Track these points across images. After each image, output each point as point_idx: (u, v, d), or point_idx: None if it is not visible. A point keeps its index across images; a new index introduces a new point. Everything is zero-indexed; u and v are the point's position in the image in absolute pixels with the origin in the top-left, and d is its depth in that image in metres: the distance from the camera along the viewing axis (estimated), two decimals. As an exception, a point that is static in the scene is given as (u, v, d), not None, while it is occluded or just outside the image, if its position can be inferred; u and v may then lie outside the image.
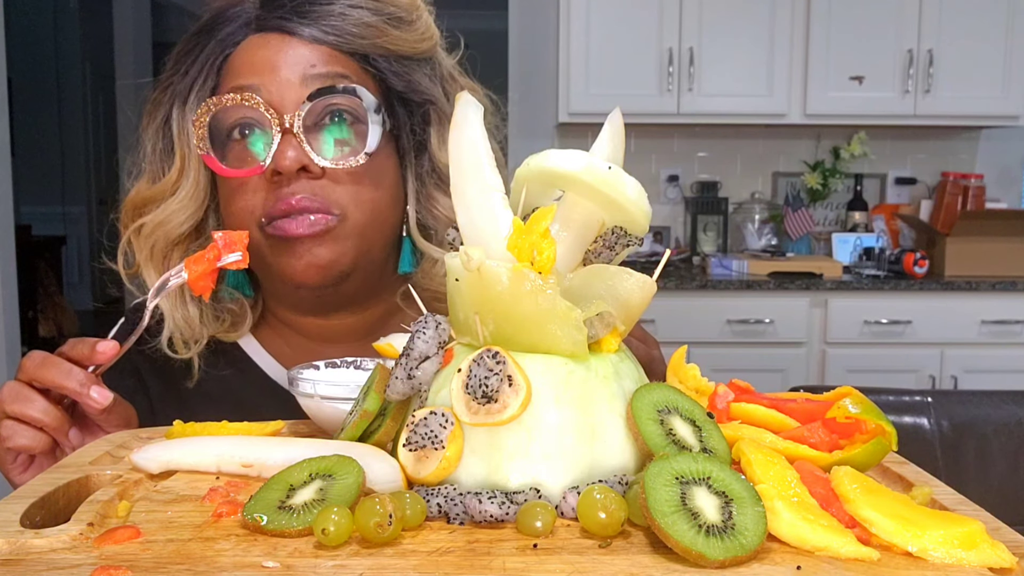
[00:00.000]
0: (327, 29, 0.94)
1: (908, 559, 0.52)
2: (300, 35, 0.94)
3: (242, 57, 0.96)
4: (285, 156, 0.91)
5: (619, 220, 0.64)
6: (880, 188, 4.30)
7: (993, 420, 1.67)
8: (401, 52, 0.98)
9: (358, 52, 0.96)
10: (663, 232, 4.26)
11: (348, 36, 0.95)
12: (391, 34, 0.96)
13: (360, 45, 0.96)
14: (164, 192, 0.99)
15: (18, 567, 0.51)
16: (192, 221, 1.00)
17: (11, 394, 0.83)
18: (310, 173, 0.93)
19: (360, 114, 0.95)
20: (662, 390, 0.63)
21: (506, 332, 0.61)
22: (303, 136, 0.92)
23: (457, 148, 0.65)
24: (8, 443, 0.83)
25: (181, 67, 0.99)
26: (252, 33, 0.96)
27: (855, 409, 0.63)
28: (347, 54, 0.96)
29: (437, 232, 1.04)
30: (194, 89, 0.98)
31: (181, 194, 0.99)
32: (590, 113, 3.76)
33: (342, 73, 0.95)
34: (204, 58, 0.97)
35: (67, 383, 0.82)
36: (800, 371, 3.64)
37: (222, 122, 0.95)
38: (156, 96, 1.00)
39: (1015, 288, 3.59)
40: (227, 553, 0.53)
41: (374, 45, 0.96)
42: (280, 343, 1.08)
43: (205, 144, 0.95)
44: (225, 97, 0.93)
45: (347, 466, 0.59)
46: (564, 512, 0.58)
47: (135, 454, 0.68)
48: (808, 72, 3.81)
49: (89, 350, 0.85)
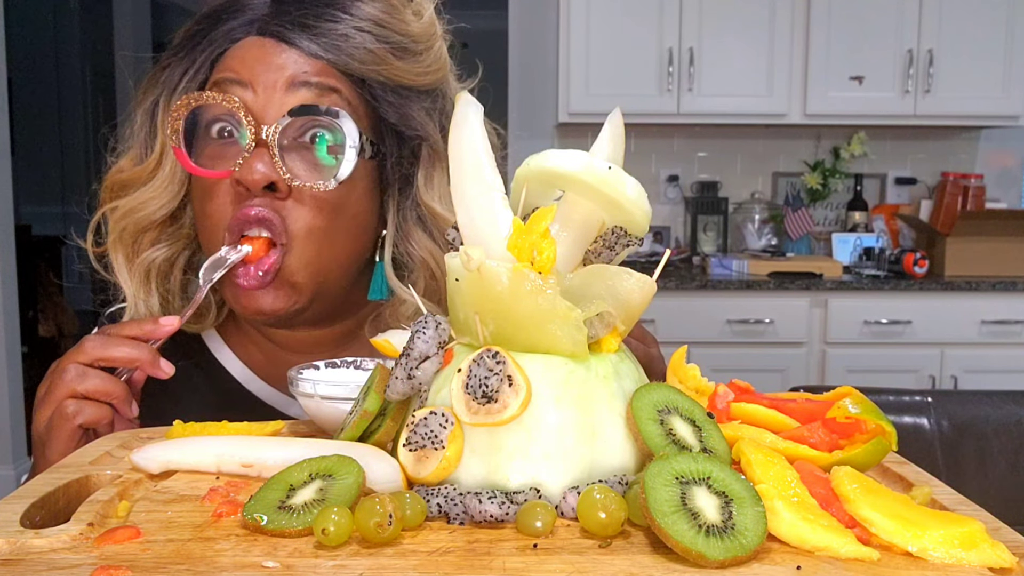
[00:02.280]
0: (327, 47, 0.92)
1: (908, 559, 0.52)
2: (298, 47, 0.92)
3: (237, 55, 0.94)
4: (254, 170, 0.90)
5: (619, 220, 0.64)
6: (880, 188, 4.30)
7: (993, 420, 1.67)
8: (401, 83, 0.96)
9: (355, 75, 0.94)
10: (663, 232, 4.26)
11: (346, 58, 0.93)
12: (393, 64, 0.94)
13: (357, 69, 0.93)
14: (142, 177, 0.99)
15: (18, 567, 0.51)
16: (165, 211, 0.99)
17: (78, 374, 0.87)
18: (276, 191, 0.92)
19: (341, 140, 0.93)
20: (662, 390, 0.63)
21: (506, 332, 0.61)
22: (277, 151, 0.90)
23: (457, 148, 0.65)
24: (77, 419, 0.87)
25: (179, 52, 0.98)
26: (253, 34, 0.94)
27: (855, 409, 0.63)
28: (344, 73, 0.94)
29: (410, 274, 1.02)
30: (184, 79, 0.96)
31: (156, 182, 0.98)
32: (590, 113, 3.76)
33: (333, 87, 0.93)
34: (201, 49, 0.96)
35: (141, 356, 0.88)
36: (800, 371, 3.64)
37: (202, 117, 0.95)
38: (153, 75, 0.99)
39: (1015, 288, 3.59)
40: (227, 553, 0.53)
41: (373, 71, 0.94)
42: (247, 344, 1.08)
43: (178, 137, 0.93)
44: (206, 95, 0.92)
45: (347, 466, 0.59)
46: (564, 512, 0.58)
47: (135, 454, 0.68)
48: (808, 72, 3.81)
49: (153, 325, 0.91)
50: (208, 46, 0.96)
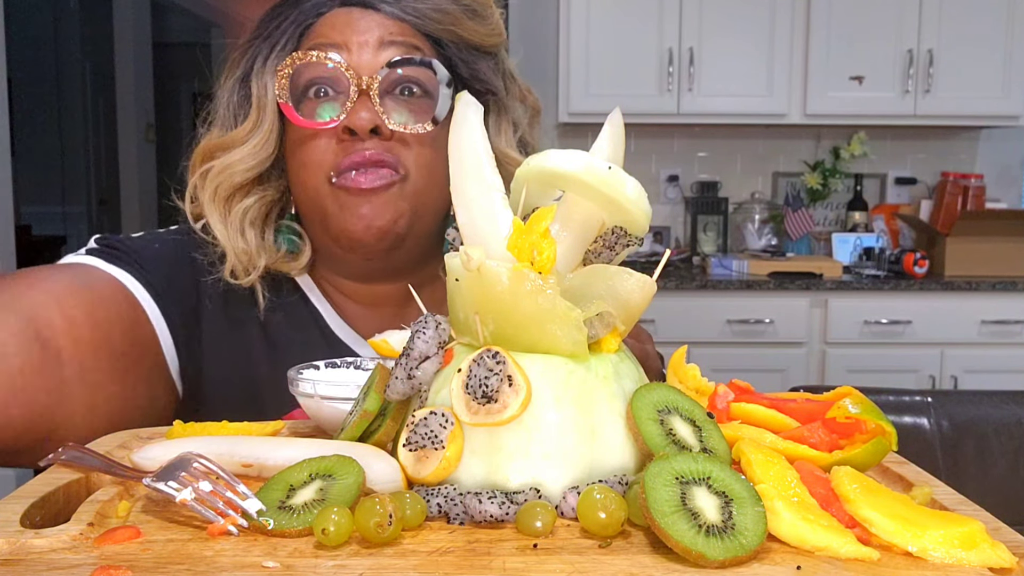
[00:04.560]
0: (408, 9, 1.02)
1: (908, 559, 0.52)
2: (382, 10, 1.02)
3: (326, 24, 1.03)
4: (359, 116, 0.98)
5: (619, 220, 0.64)
6: (880, 188, 4.30)
7: (993, 420, 1.67)
8: (471, 42, 1.06)
9: (432, 35, 1.04)
10: (663, 232, 4.26)
11: (426, 19, 1.03)
12: (465, 24, 1.05)
13: (435, 29, 1.04)
14: (236, 140, 1.05)
15: (18, 567, 0.51)
16: (258, 170, 1.05)
17: None
18: (380, 135, 1.00)
19: (431, 87, 1.02)
20: (662, 390, 0.63)
21: (506, 332, 0.61)
22: (377, 99, 0.99)
23: (457, 148, 0.65)
24: None
25: (263, 31, 1.06)
26: (338, 6, 1.03)
27: (855, 409, 0.63)
28: (422, 34, 1.04)
29: None
30: (275, 50, 1.04)
31: (252, 143, 1.04)
32: (590, 113, 3.76)
33: (417, 46, 1.03)
34: (288, 24, 1.04)
35: None
36: (800, 371, 3.65)
37: (300, 78, 1.02)
38: (236, 57, 1.08)
39: (1015, 288, 3.59)
40: (227, 553, 0.53)
41: (448, 31, 1.04)
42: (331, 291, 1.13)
43: (285, 93, 1.01)
44: (311, 53, 1.00)
45: (347, 466, 0.59)
46: (564, 512, 0.58)
47: (135, 454, 0.68)
48: (808, 72, 3.81)
49: None
50: (295, 21, 1.04)
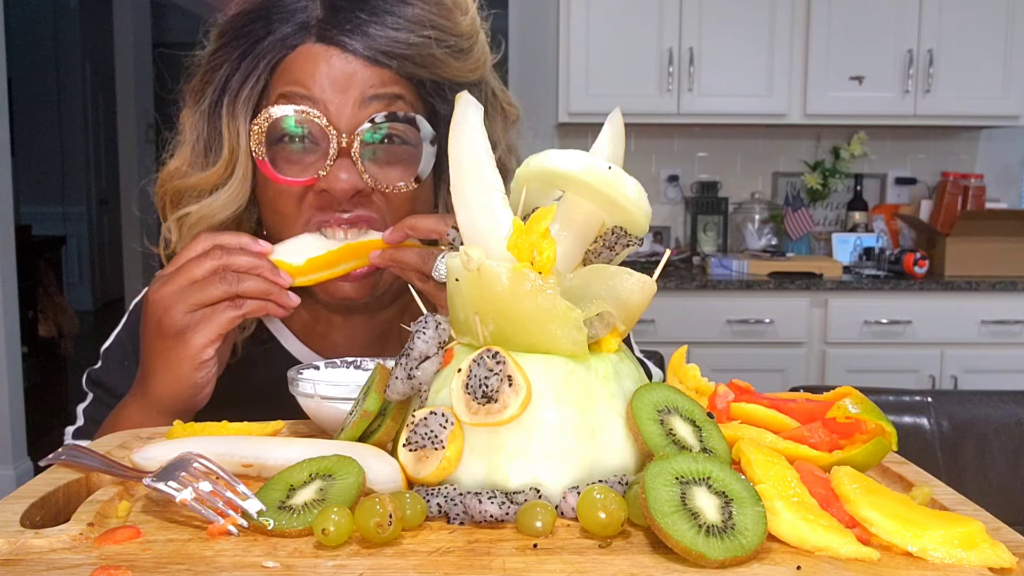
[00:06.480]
0: (390, 55, 0.94)
1: (908, 559, 0.52)
2: (361, 56, 0.94)
3: (300, 65, 0.95)
4: (339, 178, 0.94)
5: (619, 220, 0.64)
6: (880, 188, 4.30)
7: (993, 420, 1.67)
8: (454, 80, 0.99)
9: (414, 78, 0.97)
10: (663, 232, 4.26)
11: (410, 65, 0.95)
12: (450, 65, 0.98)
13: (416, 72, 0.96)
14: (210, 183, 1.00)
15: (18, 567, 0.51)
16: (235, 215, 1.02)
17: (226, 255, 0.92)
18: (360, 194, 0.96)
19: (414, 140, 0.97)
20: (662, 390, 0.63)
21: (506, 332, 0.61)
22: (358, 158, 0.94)
23: (457, 148, 0.65)
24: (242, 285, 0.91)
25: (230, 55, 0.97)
26: (310, 40, 0.94)
27: (855, 409, 0.63)
28: (404, 77, 0.96)
29: None
30: (247, 86, 0.97)
31: (230, 188, 1.00)
32: (590, 113, 3.76)
33: (399, 95, 0.96)
34: (258, 54, 0.96)
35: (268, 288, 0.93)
36: (800, 371, 3.64)
37: (275, 129, 0.96)
38: (204, 73, 1.00)
39: (1015, 288, 3.59)
40: (227, 553, 0.53)
41: (431, 74, 0.97)
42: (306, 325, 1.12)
43: (261, 149, 0.96)
44: (287, 108, 0.94)
45: (347, 466, 0.59)
46: (564, 512, 0.58)
47: (135, 454, 0.68)
48: (808, 72, 3.81)
49: None
50: (267, 51, 0.96)
